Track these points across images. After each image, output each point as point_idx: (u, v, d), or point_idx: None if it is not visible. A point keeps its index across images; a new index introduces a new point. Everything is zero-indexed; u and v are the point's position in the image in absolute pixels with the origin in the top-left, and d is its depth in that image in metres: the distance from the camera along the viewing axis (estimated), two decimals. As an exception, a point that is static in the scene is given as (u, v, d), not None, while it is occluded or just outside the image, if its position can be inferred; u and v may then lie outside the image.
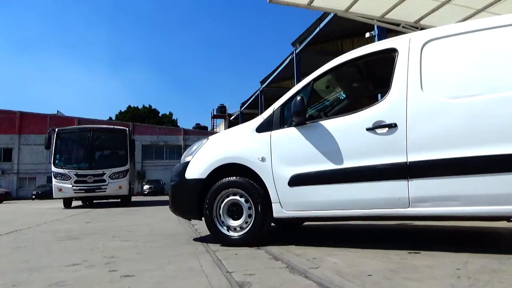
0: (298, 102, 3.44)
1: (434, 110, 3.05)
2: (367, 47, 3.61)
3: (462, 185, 2.87)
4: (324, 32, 16.59)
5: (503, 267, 2.46)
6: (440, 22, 7.43)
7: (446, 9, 7.15)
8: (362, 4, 7.24)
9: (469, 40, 3.14)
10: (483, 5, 6.93)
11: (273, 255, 3.11)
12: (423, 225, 4.84)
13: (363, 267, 2.57)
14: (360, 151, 3.24)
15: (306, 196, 3.41)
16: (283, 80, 25.66)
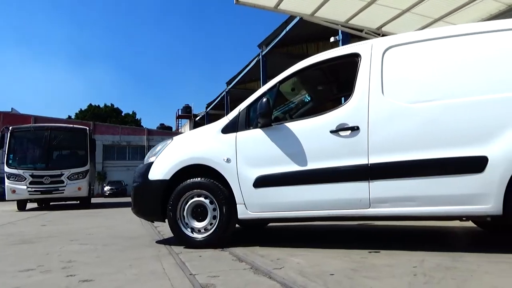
0: (264, 103, 3.46)
1: (394, 114, 3.17)
2: (331, 51, 3.69)
3: (419, 187, 3.00)
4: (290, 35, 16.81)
5: (456, 264, 2.59)
6: (400, 30, 7.73)
7: (406, 17, 7.45)
8: (327, 9, 7.40)
9: (427, 47, 3.30)
10: (440, 14, 7.27)
11: (238, 256, 3.11)
12: (382, 225, 5.00)
13: (325, 267, 2.62)
14: (324, 153, 3.31)
15: (271, 197, 3.43)
16: (249, 81, 25.75)
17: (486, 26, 3.35)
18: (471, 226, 4.50)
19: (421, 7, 7.07)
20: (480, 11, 7.12)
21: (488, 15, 7.24)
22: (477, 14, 7.22)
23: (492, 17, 7.14)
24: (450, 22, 7.45)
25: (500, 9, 7.02)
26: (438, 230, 4.53)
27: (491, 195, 2.84)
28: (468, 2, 6.81)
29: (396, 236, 4.29)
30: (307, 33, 16.14)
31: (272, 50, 18.86)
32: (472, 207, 2.91)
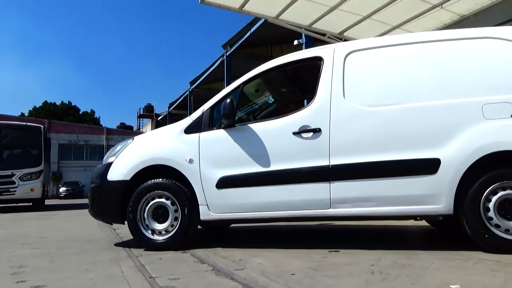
0: (227, 104, 3.45)
1: (354, 117, 3.26)
2: (295, 54, 3.74)
3: (377, 187, 3.11)
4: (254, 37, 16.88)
5: (411, 262, 2.70)
6: (361, 35, 7.98)
7: (366, 24, 7.70)
8: (292, 13, 7.50)
9: (386, 53, 3.44)
10: (398, 22, 7.59)
11: (199, 258, 3.07)
12: (342, 224, 5.13)
13: (287, 267, 2.65)
14: (287, 154, 3.35)
15: (234, 198, 3.43)
16: (213, 81, 25.57)
17: (441, 35, 3.55)
18: (424, 225, 4.72)
19: (381, 15, 7.34)
20: (435, 20, 7.50)
21: (442, 24, 7.63)
22: (432, 23, 7.60)
23: (446, 27, 7.53)
24: (407, 30, 7.78)
25: (453, 19, 7.42)
26: (394, 229, 4.71)
27: (443, 195, 2.99)
28: (423, 12, 7.15)
29: (355, 236, 4.42)
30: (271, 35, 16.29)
31: (236, 51, 18.86)
32: (425, 207, 3.06)
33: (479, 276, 2.28)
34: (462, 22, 7.21)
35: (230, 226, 5.12)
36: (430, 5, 6.95)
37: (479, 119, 3.01)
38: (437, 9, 7.03)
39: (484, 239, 2.91)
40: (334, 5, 7.09)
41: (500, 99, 3.01)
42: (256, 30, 15.93)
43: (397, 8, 7.04)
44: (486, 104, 3.02)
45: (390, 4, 6.91)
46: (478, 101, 3.05)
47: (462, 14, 7.23)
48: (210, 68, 23.38)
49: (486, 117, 3.00)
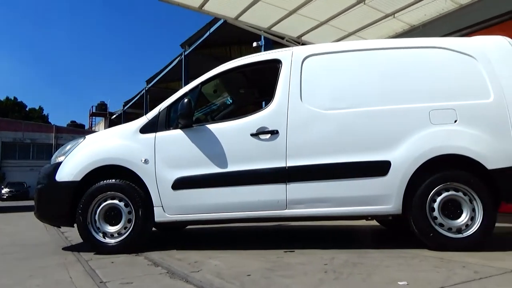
0: (185, 104, 3.40)
1: (311, 120, 3.34)
2: (254, 56, 3.77)
3: (332, 189, 3.20)
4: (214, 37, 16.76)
5: (362, 260, 2.80)
6: (319, 40, 8.17)
7: (324, 29, 7.89)
8: (251, 15, 7.54)
9: (342, 58, 3.56)
10: (354, 29, 7.85)
11: (153, 261, 3.00)
12: (298, 225, 5.22)
13: (242, 268, 2.65)
14: (244, 155, 3.35)
15: (190, 200, 3.38)
16: (170, 81, 25.08)
17: (393, 43, 3.74)
18: (375, 225, 4.92)
19: (338, 21, 7.55)
20: (388, 28, 7.84)
21: (394, 32, 8.00)
22: (385, 31, 7.94)
23: (397, 35, 7.90)
24: (362, 37, 8.07)
25: (404, 28, 7.80)
26: (347, 229, 4.86)
27: (393, 196, 3.13)
28: (377, 20, 7.45)
29: (310, 236, 4.51)
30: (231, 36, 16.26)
31: (195, 51, 18.63)
32: (376, 207, 3.19)
33: (424, 272, 2.41)
34: (412, 32, 7.58)
35: (186, 228, 5.05)
36: (384, 14, 7.25)
37: (426, 124, 3.19)
38: (390, 18, 7.35)
39: (429, 237, 3.08)
40: (293, 9, 7.20)
41: (446, 106, 3.21)
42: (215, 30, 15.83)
43: (353, 15, 7.28)
44: (433, 110, 3.21)
45: (346, 11, 7.13)
46: (425, 107, 3.23)
47: (412, 24, 7.61)
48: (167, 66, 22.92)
49: (432, 123, 3.18)
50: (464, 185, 3.10)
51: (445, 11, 7.05)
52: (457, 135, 3.16)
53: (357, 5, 6.91)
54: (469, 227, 3.06)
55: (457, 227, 3.07)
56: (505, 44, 3.41)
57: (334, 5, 7.01)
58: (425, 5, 6.87)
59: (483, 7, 6.53)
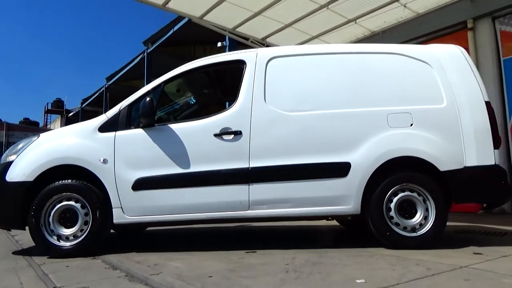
0: (147, 103, 3.33)
1: (274, 121, 3.37)
2: (218, 56, 3.75)
3: (294, 189, 3.25)
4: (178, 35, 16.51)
5: (322, 260, 2.85)
6: (283, 42, 8.27)
7: (288, 31, 8.00)
8: (216, 14, 7.50)
9: (306, 61, 3.63)
10: (317, 33, 8.01)
11: (111, 264, 2.91)
12: (260, 226, 5.25)
13: (204, 269, 2.63)
14: (207, 156, 3.33)
15: (151, 201, 3.31)
16: (132, 78, 24.41)
17: (354, 47, 3.86)
18: (335, 225, 5.03)
19: (302, 24, 7.68)
20: (349, 33, 8.08)
21: (355, 38, 8.25)
22: (347, 36, 8.17)
23: (358, 40, 8.15)
24: (325, 41, 8.26)
25: (365, 34, 8.06)
26: (307, 229, 4.94)
27: (352, 196, 3.22)
28: (340, 25, 7.65)
29: (272, 236, 4.55)
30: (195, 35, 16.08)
31: (158, 49, 18.27)
32: (337, 208, 3.27)
33: (381, 270, 2.49)
34: (372, 37, 7.85)
35: (146, 229, 4.93)
36: (346, 20, 7.46)
37: (384, 127, 3.31)
38: (352, 24, 7.58)
39: (386, 236, 3.19)
40: (258, 11, 7.24)
41: (402, 110, 3.35)
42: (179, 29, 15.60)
43: (317, 19, 7.43)
44: (391, 113, 3.33)
45: (310, 15, 7.26)
46: (384, 110, 3.35)
47: (372, 30, 7.89)
48: (129, 64, 22.31)
49: (390, 126, 3.31)
50: (418, 186, 3.24)
51: (403, 19, 7.37)
52: (413, 138, 3.30)
53: (320, 10, 7.07)
54: (423, 226, 3.20)
55: (411, 226, 3.20)
56: (458, 52, 3.61)
57: (299, 8, 7.12)
58: (384, 13, 7.14)
59: (438, 17, 6.88)
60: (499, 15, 6.29)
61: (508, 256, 2.84)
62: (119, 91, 24.34)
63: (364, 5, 6.98)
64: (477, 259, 2.75)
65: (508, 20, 6.21)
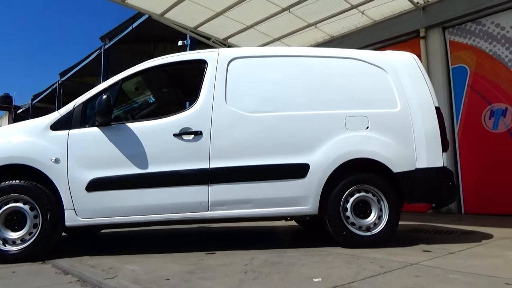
0: (103, 101, 3.21)
1: (235, 122, 3.36)
2: (179, 54, 3.69)
3: (254, 190, 3.26)
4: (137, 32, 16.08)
5: (280, 259, 2.89)
6: (245, 43, 8.30)
7: (250, 33, 8.04)
8: (178, 13, 7.39)
9: (267, 63, 3.66)
10: (278, 35, 8.12)
11: (62, 268, 2.77)
12: (219, 226, 5.22)
13: (162, 272, 2.58)
14: (166, 156, 3.27)
15: (107, 202, 3.20)
16: (88, 75, 23.46)
17: (315, 51, 3.95)
18: (293, 225, 5.11)
19: (264, 26, 7.74)
20: (309, 37, 8.25)
21: (315, 42, 8.43)
22: (307, 40, 8.34)
23: (318, 44, 8.34)
24: (286, 43, 8.38)
25: (325, 38, 8.27)
26: (267, 229, 4.98)
27: (310, 197, 3.29)
28: (300, 29, 7.80)
29: (231, 237, 4.54)
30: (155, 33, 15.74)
31: (116, 45, 17.69)
32: (296, 208, 3.32)
33: (337, 269, 2.56)
34: (332, 42, 8.07)
35: (101, 232, 4.76)
36: (306, 23, 7.61)
37: (342, 130, 3.40)
38: (312, 28, 7.74)
39: (342, 235, 3.29)
40: (220, 11, 7.22)
41: (359, 113, 3.46)
42: (139, 26, 15.21)
43: (279, 22, 7.52)
44: (348, 116, 3.44)
45: (272, 17, 7.34)
46: (342, 113, 3.45)
47: (332, 35, 8.10)
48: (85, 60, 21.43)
49: (347, 128, 3.41)
50: (373, 187, 3.37)
51: (361, 25, 7.63)
52: (369, 140, 3.42)
53: (282, 13, 7.16)
54: (377, 225, 3.32)
55: (366, 225, 3.32)
56: (411, 60, 3.79)
57: (261, 10, 7.18)
58: (344, 19, 7.36)
59: (393, 25, 7.20)
60: (448, 26, 6.68)
61: (454, 253, 3.02)
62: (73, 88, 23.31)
63: (324, 10, 7.16)
64: (426, 257, 2.89)
65: (456, 30, 6.61)
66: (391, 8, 7.03)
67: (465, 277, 2.29)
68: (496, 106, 6.08)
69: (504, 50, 6.04)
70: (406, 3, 6.79)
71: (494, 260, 2.76)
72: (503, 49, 6.05)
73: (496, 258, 2.83)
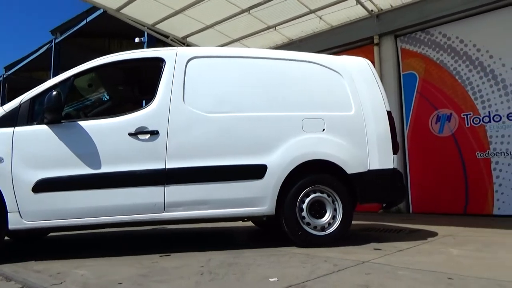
0: (53, 97, 3.05)
1: (192, 122, 3.32)
2: (136, 51, 3.60)
3: (211, 191, 3.24)
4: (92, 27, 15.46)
5: (237, 260, 2.89)
6: (204, 43, 8.23)
7: (209, 33, 7.98)
8: (135, 8, 7.19)
9: (226, 63, 3.65)
10: (238, 36, 8.13)
11: (4, 275, 2.60)
12: (175, 228, 5.14)
13: (113, 276, 2.49)
14: (121, 156, 3.16)
15: (55, 203, 3.04)
16: (36, 69, 22.21)
17: (274, 53, 3.99)
18: (250, 225, 5.13)
19: (223, 26, 7.73)
20: (269, 39, 8.33)
21: (274, 44, 8.53)
22: (266, 42, 8.42)
23: (277, 47, 8.45)
24: (246, 45, 8.41)
25: (284, 41, 8.39)
26: (223, 230, 4.97)
27: (268, 198, 3.32)
28: (260, 31, 7.86)
29: (188, 239, 4.48)
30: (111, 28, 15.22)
31: (68, 39, 16.90)
32: (253, 209, 3.33)
33: (293, 268, 2.60)
34: (290, 45, 8.20)
35: (49, 235, 4.52)
36: (266, 26, 7.69)
37: (299, 132, 3.46)
38: (271, 30, 7.83)
39: (298, 235, 3.34)
40: (180, 9, 7.11)
41: (316, 115, 3.55)
42: (94, 20, 14.63)
43: (238, 23, 7.54)
44: (305, 119, 3.50)
45: (232, 18, 7.34)
46: (299, 115, 3.51)
47: (291, 38, 8.24)
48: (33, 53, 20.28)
49: (304, 130, 3.47)
50: (328, 188, 3.45)
51: (319, 30, 7.83)
52: (325, 142, 3.51)
53: (242, 14, 7.18)
54: (331, 225, 3.41)
55: (321, 225, 3.40)
56: (365, 65, 3.94)
57: (221, 10, 7.16)
58: (302, 22, 7.51)
59: (349, 31, 7.45)
60: (400, 34, 7.01)
61: (403, 251, 3.17)
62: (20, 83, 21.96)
63: (283, 14, 7.26)
64: (377, 254, 3.01)
65: (407, 39, 6.96)
66: (347, 14, 7.27)
67: (413, 273, 2.40)
68: (442, 111, 6.46)
69: (450, 59, 6.44)
70: (362, 11, 7.05)
71: (439, 257, 2.93)
72: (448, 58, 6.45)
73: (440, 255, 3.00)
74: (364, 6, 6.84)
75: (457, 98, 6.31)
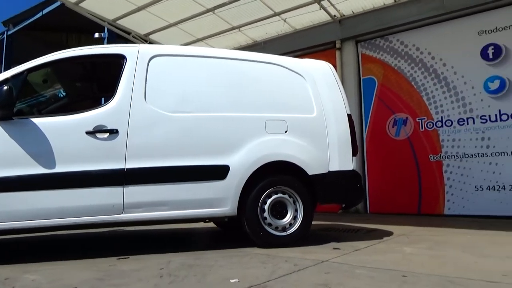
0: (4, 92, 2.88)
1: (154, 121, 3.26)
2: (96, 47, 3.48)
3: (171, 192, 3.19)
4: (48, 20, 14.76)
5: (198, 262, 2.86)
6: (167, 41, 8.09)
7: (173, 31, 7.86)
8: (95, 2, 6.95)
9: (190, 62, 3.61)
10: (202, 36, 8.07)
11: None
12: (134, 230, 5.01)
13: (68, 281, 2.38)
14: (77, 155, 3.04)
15: (5, 205, 2.87)
16: (-14, 62, 20.95)
17: (239, 54, 3.98)
18: (212, 227, 5.10)
19: (187, 25, 7.64)
20: (233, 40, 8.33)
21: (238, 45, 8.54)
22: (231, 43, 8.41)
23: (242, 47, 8.46)
24: (210, 44, 8.36)
25: (248, 42, 8.42)
26: (184, 231, 4.91)
27: (229, 199, 3.31)
28: (224, 31, 7.85)
29: (147, 240, 4.38)
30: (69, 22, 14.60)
31: (22, 31, 16.05)
32: (214, 210, 3.31)
33: (253, 269, 2.61)
34: (254, 46, 8.25)
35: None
36: (231, 26, 7.68)
37: (262, 133, 3.49)
38: (236, 31, 7.84)
39: (259, 236, 3.36)
40: (142, 5, 6.95)
41: (279, 117, 3.58)
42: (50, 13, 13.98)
43: (203, 22, 7.48)
44: (268, 120, 3.53)
45: (196, 17, 7.27)
46: (262, 117, 3.53)
47: (255, 39, 8.28)
48: (-17, 45, 19.09)
49: (267, 132, 3.50)
50: (289, 189, 3.50)
51: (283, 32, 7.93)
52: (287, 144, 3.55)
53: (207, 13, 7.13)
54: (292, 226, 3.46)
55: (282, 226, 3.44)
56: (327, 69, 4.03)
57: (185, 9, 7.07)
58: (266, 24, 7.58)
59: (312, 35, 7.60)
60: (361, 40, 7.25)
61: (360, 250, 3.27)
62: (-33, 76, 20.53)
63: (248, 15, 7.29)
64: (335, 254, 3.09)
65: (367, 44, 7.20)
66: (311, 18, 7.41)
67: (370, 271, 2.49)
68: (398, 115, 6.74)
69: (407, 65, 6.73)
70: (324, 15, 7.22)
71: (394, 255, 3.05)
72: (405, 65, 6.75)
73: (395, 253, 3.12)
74: (327, 11, 7.01)
75: (413, 103, 6.61)
